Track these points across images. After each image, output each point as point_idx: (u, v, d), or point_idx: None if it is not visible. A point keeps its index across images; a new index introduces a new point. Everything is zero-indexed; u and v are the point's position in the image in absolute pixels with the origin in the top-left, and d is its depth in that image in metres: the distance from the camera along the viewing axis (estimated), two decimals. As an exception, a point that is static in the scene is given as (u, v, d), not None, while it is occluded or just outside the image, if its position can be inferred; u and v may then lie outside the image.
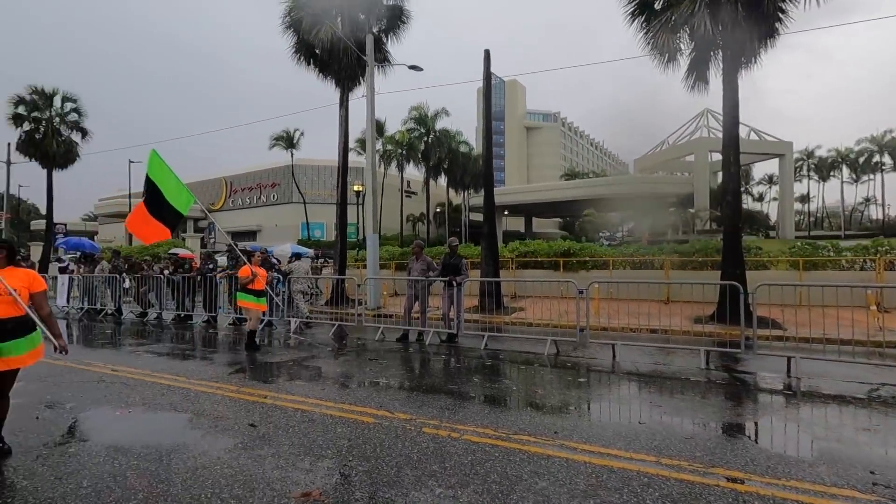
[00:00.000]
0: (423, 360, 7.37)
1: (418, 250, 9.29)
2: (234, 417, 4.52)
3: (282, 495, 3.02)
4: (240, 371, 6.48)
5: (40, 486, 3.18)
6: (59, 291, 14.91)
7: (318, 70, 16.04)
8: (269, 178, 49.79)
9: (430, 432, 4.10)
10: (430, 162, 44.12)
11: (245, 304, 8.21)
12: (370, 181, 15.10)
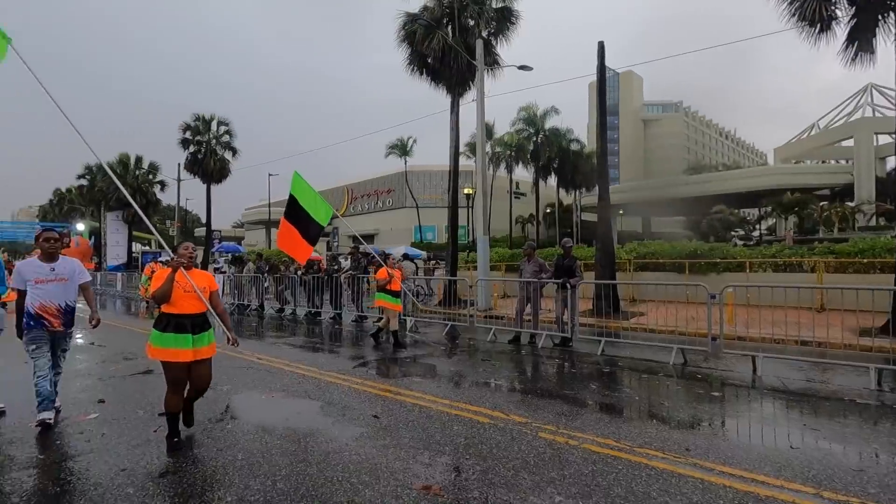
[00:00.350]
0: (535, 364, 7.24)
1: (530, 252, 9.16)
2: (359, 408, 4.85)
3: (404, 486, 3.16)
4: (363, 365, 6.94)
5: (206, 455, 3.71)
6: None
7: (430, 78, 16.66)
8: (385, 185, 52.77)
9: (546, 437, 4.00)
10: (540, 162, 43.35)
11: (383, 304, 8.57)
12: (480, 184, 15.26)
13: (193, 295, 3.88)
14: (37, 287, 4.27)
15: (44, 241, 4.39)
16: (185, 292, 3.84)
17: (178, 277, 3.81)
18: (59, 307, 4.35)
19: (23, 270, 4.30)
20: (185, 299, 3.85)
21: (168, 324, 3.79)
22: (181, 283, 3.83)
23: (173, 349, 3.76)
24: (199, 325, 3.90)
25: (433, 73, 16.40)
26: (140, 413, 4.72)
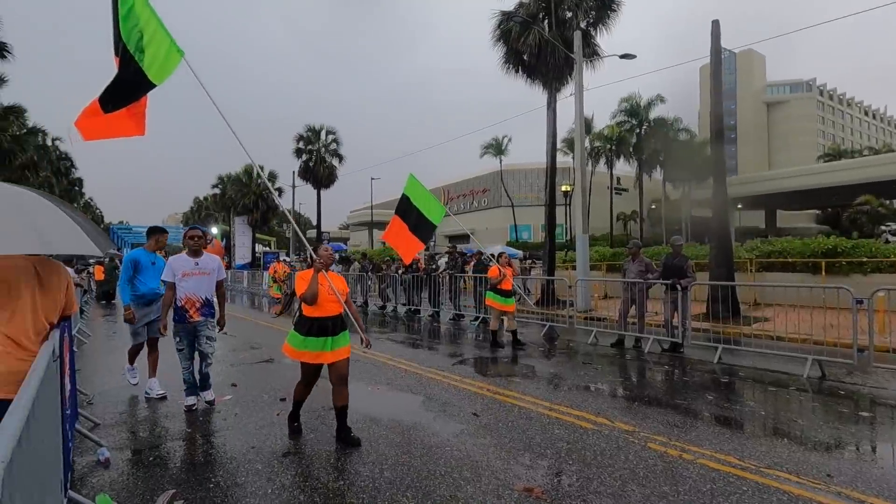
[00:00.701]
0: (641, 369, 6.82)
1: (635, 250, 8.65)
2: (458, 405, 4.93)
3: (505, 485, 3.16)
4: (461, 363, 7.04)
5: (321, 440, 4.01)
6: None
7: (525, 75, 16.44)
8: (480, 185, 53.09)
9: (656, 448, 3.75)
10: (644, 155, 40.73)
11: (492, 304, 8.35)
12: (579, 180, 14.73)
13: (334, 297, 3.94)
14: (183, 280, 4.66)
15: (189, 238, 4.81)
16: (328, 293, 3.91)
17: (320, 279, 3.87)
18: (200, 300, 4.73)
19: (173, 265, 4.70)
20: (328, 301, 3.90)
21: (311, 327, 3.87)
22: (323, 285, 3.89)
23: (313, 352, 3.88)
24: (338, 326, 3.99)
25: (529, 69, 16.15)
26: (265, 397, 5.24)
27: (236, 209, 43.24)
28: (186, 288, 4.69)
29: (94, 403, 5.03)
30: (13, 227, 1.91)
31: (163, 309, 4.71)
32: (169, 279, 4.68)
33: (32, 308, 2.39)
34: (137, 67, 4.25)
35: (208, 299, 4.81)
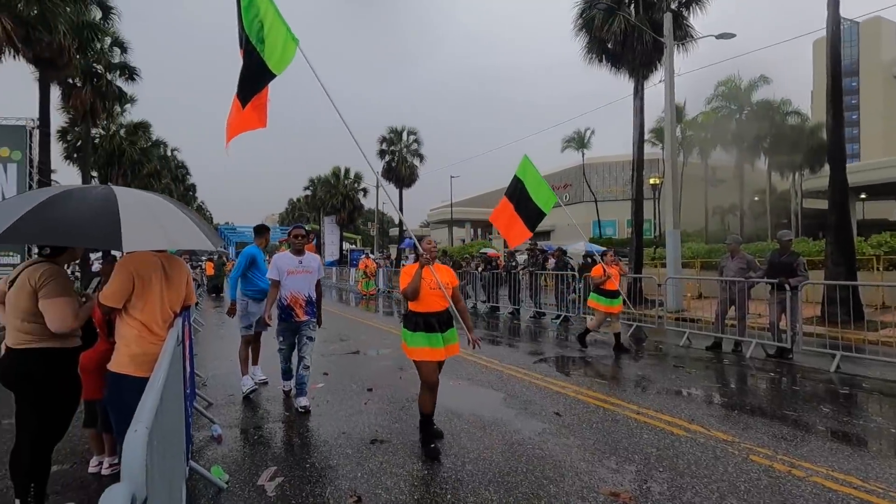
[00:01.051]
0: (742, 375, 6.27)
1: (734, 247, 7.97)
2: (540, 403, 4.87)
3: (590, 488, 3.07)
4: (542, 361, 6.93)
5: (405, 430, 4.16)
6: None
7: (610, 64, 15.73)
8: (561, 180, 51.68)
9: (760, 462, 3.44)
10: (745, 142, 37.21)
11: (595, 305, 7.82)
12: (669, 172, 13.84)
13: (439, 292, 3.77)
14: (288, 278, 4.64)
15: (294, 237, 4.83)
16: (430, 289, 3.73)
17: (425, 274, 3.71)
18: (304, 298, 4.69)
19: (278, 263, 4.68)
20: (432, 296, 3.73)
21: (417, 323, 3.73)
22: (427, 279, 3.73)
23: (427, 348, 3.69)
24: (445, 322, 3.78)
25: (614, 57, 15.44)
26: (353, 387, 5.53)
27: (325, 209, 45.87)
28: (291, 286, 4.66)
29: (208, 385, 5.62)
30: (148, 227, 2.22)
31: (267, 303, 4.71)
32: (275, 277, 4.68)
33: (160, 299, 2.73)
34: (259, 58, 4.27)
35: (311, 298, 4.78)
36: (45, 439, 2.66)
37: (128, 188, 2.53)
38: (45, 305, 2.54)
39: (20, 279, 2.61)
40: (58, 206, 2.12)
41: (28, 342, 2.59)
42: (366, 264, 20.04)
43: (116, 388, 2.60)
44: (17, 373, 2.60)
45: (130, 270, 2.59)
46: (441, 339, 3.73)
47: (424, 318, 3.73)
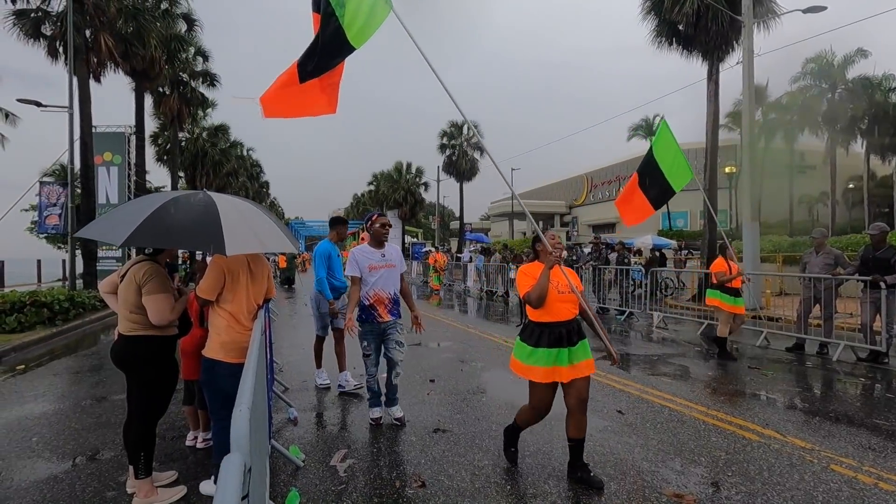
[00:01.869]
0: (827, 380, 5.84)
1: (820, 241, 7.37)
2: (602, 401, 4.83)
3: (652, 488, 3.05)
4: (605, 358, 6.81)
5: (466, 420, 4.30)
6: (467, 275, 19.47)
7: (681, 47, 14.89)
8: (628, 170, 49.55)
9: (841, 472, 3.24)
10: (838, 124, 33.82)
11: (718, 304, 6.90)
12: (747, 159, 12.95)
13: (569, 297, 3.15)
14: (371, 274, 4.03)
15: (380, 225, 4.12)
16: (559, 294, 3.11)
17: (553, 275, 3.12)
18: (389, 296, 4.09)
19: (358, 257, 4.07)
20: (560, 303, 3.11)
21: (541, 337, 3.11)
22: (556, 281, 3.13)
23: (545, 368, 3.08)
24: (574, 334, 3.17)
25: (685, 40, 14.60)
26: (416, 377, 5.75)
27: (388, 204, 47.08)
28: (374, 283, 4.03)
29: (284, 371, 6.06)
30: (244, 233, 2.50)
31: (349, 306, 4.00)
32: (355, 273, 4.04)
33: (246, 293, 3.02)
34: (338, 26, 3.58)
35: (396, 296, 4.17)
36: (149, 414, 3.03)
37: (221, 194, 2.83)
38: (147, 301, 2.90)
39: (128, 275, 2.99)
40: (169, 213, 2.44)
41: (135, 330, 2.97)
42: (435, 258, 19.21)
43: (210, 371, 2.93)
44: (126, 356, 2.99)
45: (222, 268, 2.90)
46: (567, 356, 3.11)
47: (550, 329, 3.10)
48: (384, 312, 4.08)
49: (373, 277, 4.05)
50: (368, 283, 4.04)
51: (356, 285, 4.05)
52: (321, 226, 66.10)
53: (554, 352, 3.08)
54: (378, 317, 4.06)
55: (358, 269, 4.05)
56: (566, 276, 3.20)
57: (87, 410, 4.70)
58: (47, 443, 3.91)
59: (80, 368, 6.52)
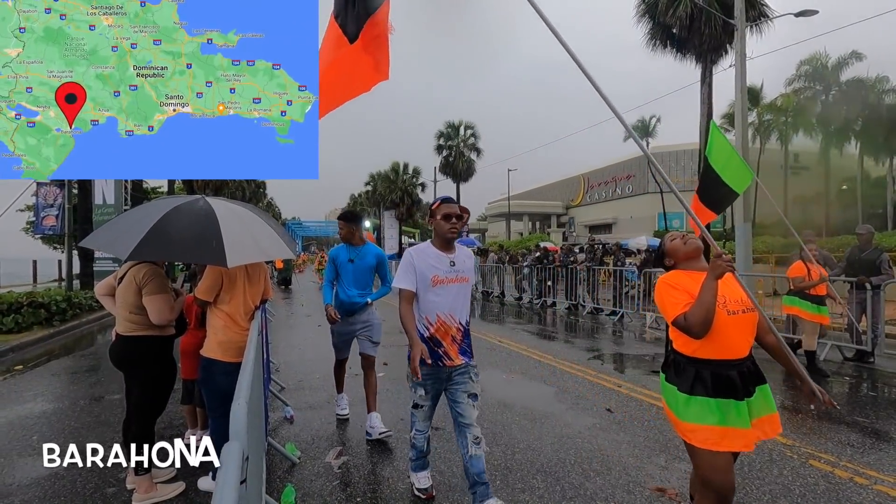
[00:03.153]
0: (813, 378, 5.96)
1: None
2: (592, 399, 4.94)
3: (636, 483, 3.16)
4: (597, 358, 6.93)
5: (459, 419, 4.40)
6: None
7: (675, 50, 15.10)
8: (624, 171, 49.86)
9: (819, 467, 3.36)
10: (831, 126, 34.11)
11: (794, 311, 6.31)
12: (740, 162, 13.08)
13: (743, 319, 2.10)
14: (434, 291, 2.71)
15: (443, 217, 2.74)
16: (728, 315, 2.07)
17: (722, 287, 2.06)
18: (459, 326, 2.77)
19: (417, 261, 2.73)
20: (731, 328, 2.07)
21: (699, 379, 2.09)
22: (727, 296, 2.10)
23: (717, 427, 2.02)
24: (751, 378, 2.12)
25: (679, 43, 14.80)
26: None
27: (385, 204, 47.14)
28: (438, 305, 2.72)
29: (280, 371, 6.15)
30: (245, 243, 2.62)
31: (410, 337, 2.64)
32: (408, 286, 2.71)
33: (243, 294, 3.11)
34: None
35: (467, 325, 2.84)
36: (148, 412, 3.12)
37: (220, 201, 2.92)
38: (148, 301, 2.98)
39: (127, 277, 3.07)
40: (172, 225, 2.53)
41: (134, 330, 3.05)
42: None
43: (208, 370, 3.02)
44: (126, 356, 3.07)
45: (219, 271, 2.99)
46: (747, 410, 2.06)
47: (714, 369, 2.07)
48: (452, 350, 2.73)
49: (436, 296, 2.70)
50: (428, 304, 2.71)
51: (409, 303, 2.71)
52: (318, 226, 66.19)
53: (724, 404, 2.03)
54: (444, 356, 2.73)
55: (414, 280, 2.70)
56: (742, 286, 2.14)
57: (85, 409, 4.78)
58: (48, 441, 3.99)
59: (78, 368, 6.59)
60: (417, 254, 2.77)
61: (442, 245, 2.77)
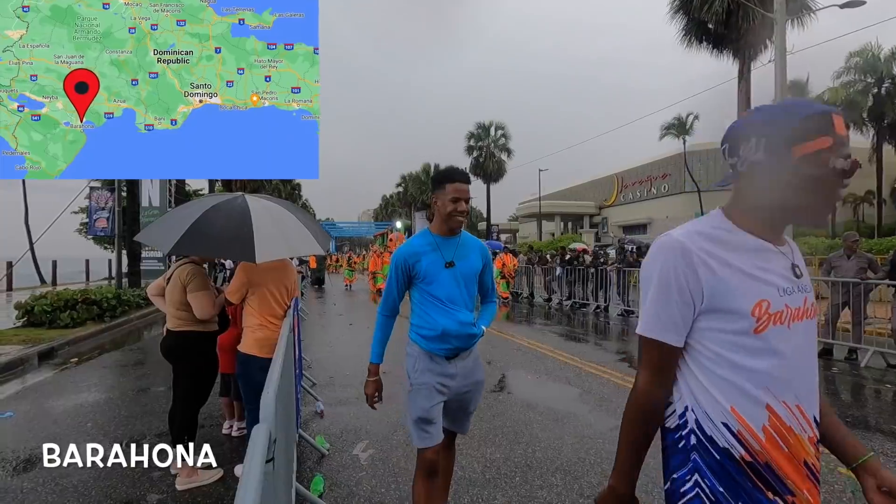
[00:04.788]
0: (853, 385, 5.76)
1: (850, 244, 7.23)
2: (616, 401, 4.93)
3: (655, 483, 3.18)
4: (625, 360, 6.88)
5: (483, 417, 4.48)
6: (493, 277, 19.61)
7: (711, 46, 14.69)
8: (659, 170, 48.64)
9: (848, 475, 3.28)
10: (885, 120, 32.33)
11: None
12: (780, 161, 12.62)
13: None
14: (778, 334, 1.02)
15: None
16: None
17: None
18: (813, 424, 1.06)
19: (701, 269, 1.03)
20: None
21: None
22: None
23: None
24: None
25: (715, 38, 14.40)
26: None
27: (416, 205, 47.63)
28: (773, 373, 1.01)
29: (312, 367, 6.39)
30: (274, 240, 2.80)
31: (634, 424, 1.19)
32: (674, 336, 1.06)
33: (274, 295, 3.31)
34: None
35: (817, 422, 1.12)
36: (193, 402, 3.36)
37: (256, 198, 3.14)
38: (192, 298, 3.22)
39: (174, 277, 3.32)
40: (209, 223, 2.75)
41: (181, 326, 3.30)
42: (503, 261, 14.24)
43: (245, 365, 3.23)
44: (174, 349, 3.32)
45: (244, 279, 3.20)
46: None
47: None
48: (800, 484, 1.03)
49: (780, 341, 1.02)
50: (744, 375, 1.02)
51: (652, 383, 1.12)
52: (351, 227, 67.37)
53: None
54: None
55: (689, 314, 1.06)
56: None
57: (133, 400, 5.13)
58: (100, 427, 4.33)
59: (127, 362, 7.04)
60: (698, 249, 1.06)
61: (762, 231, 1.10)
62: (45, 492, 3.18)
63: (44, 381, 6.01)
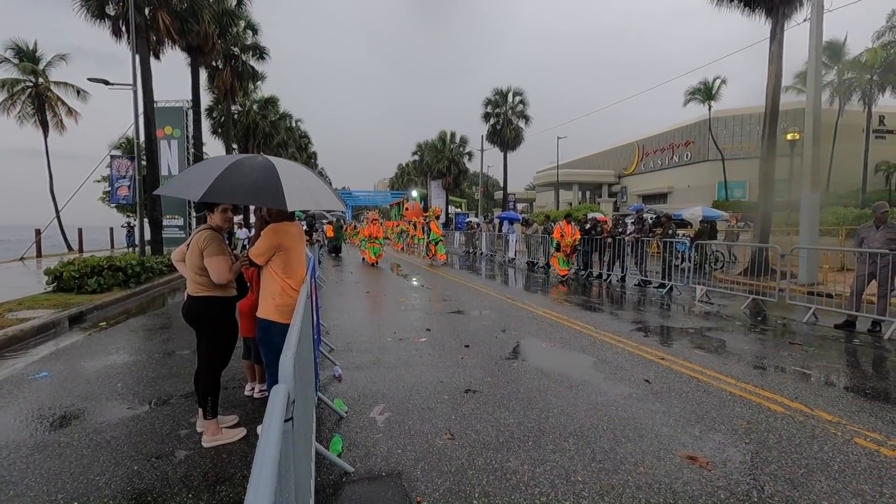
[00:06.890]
0: (874, 358, 5.67)
1: (880, 215, 6.99)
2: (630, 370, 4.96)
3: (667, 450, 3.21)
4: (640, 330, 6.87)
5: (498, 383, 4.56)
6: (509, 247, 19.54)
7: (743, 4, 13.92)
8: (682, 137, 47.19)
9: (864, 445, 3.28)
10: (926, 83, 30.60)
11: None
12: (810, 126, 12.13)
13: None
14: None
15: None
16: None
17: None
18: None
19: None
20: None
21: None
22: None
23: None
24: None
25: (747, -4, 13.62)
26: (453, 343, 6.05)
27: (432, 174, 47.24)
28: None
29: (330, 333, 6.53)
30: (301, 191, 2.84)
31: None
32: None
33: (297, 260, 3.36)
34: None
35: None
36: (214, 364, 3.47)
37: (277, 157, 3.15)
38: (208, 262, 3.28)
39: (192, 242, 3.38)
40: (236, 173, 2.79)
41: (200, 291, 3.38)
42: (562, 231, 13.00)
43: (266, 331, 3.30)
44: (194, 313, 3.41)
45: (274, 242, 3.24)
46: None
47: None
48: None
49: None
50: None
51: None
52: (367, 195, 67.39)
53: None
54: None
55: None
56: None
57: (160, 362, 5.33)
58: (129, 388, 4.52)
59: (152, 326, 7.28)
60: None
61: None
62: (80, 446, 3.35)
63: (75, 343, 6.26)
